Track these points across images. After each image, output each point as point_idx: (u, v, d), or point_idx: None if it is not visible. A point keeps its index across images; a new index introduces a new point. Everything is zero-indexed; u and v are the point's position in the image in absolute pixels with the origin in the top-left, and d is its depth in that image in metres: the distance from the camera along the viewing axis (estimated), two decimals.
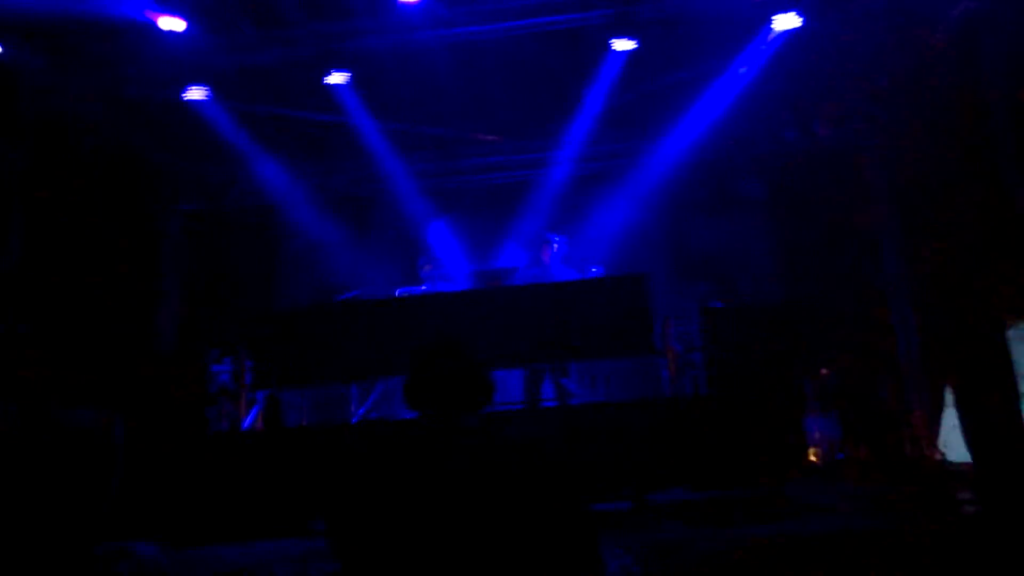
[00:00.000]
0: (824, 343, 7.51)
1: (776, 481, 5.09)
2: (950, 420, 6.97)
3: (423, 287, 7.03)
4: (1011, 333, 6.45)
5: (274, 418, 7.07)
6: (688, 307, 6.89)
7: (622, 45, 7.21)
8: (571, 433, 5.27)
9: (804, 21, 6.95)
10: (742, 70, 7.75)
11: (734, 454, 5.09)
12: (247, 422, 6.33)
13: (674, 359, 5.95)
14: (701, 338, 5.68)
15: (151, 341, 8.98)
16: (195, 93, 7.75)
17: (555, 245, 6.82)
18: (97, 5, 6.41)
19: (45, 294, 7.49)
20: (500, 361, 5.93)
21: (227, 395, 6.52)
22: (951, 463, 6.17)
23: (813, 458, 6.87)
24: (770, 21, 7.00)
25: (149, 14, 6.73)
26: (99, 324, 8.02)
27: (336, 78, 7.55)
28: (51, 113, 7.69)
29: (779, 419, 5.27)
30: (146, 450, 5.21)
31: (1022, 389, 6.31)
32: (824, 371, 7.24)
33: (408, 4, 6.74)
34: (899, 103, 7.58)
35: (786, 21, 6.94)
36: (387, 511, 1.68)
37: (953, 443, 6.20)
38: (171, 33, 6.92)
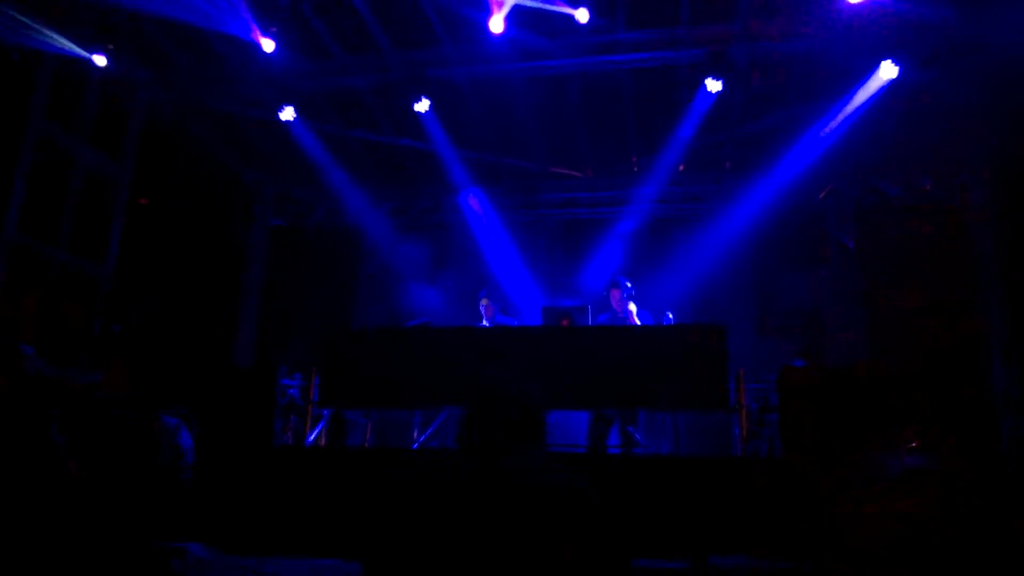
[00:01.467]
0: (916, 412, 7.01)
1: (846, 559, 4.73)
2: None
3: (484, 323, 6.95)
4: None
5: (337, 436, 7.11)
6: (767, 363, 6.55)
7: (714, 85, 7.02)
8: (634, 484, 5.05)
9: (900, 72, 6.63)
10: (824, 132, 7.44)
11: (805, 525, 4.76)
12: (310, 438, 6.36)
13: (747, 417, 5.65)
14: (778, 398, 5.37)
15: (231, 352, 9.24)
16: (287, 113, 7.98)
17: (623, 290, 6.65)
18: (204, 20, 6.67)
19: (138, 299, 7.81)
20: (565, 402, 5.77)
21: (294, 410, 6.57)
22: None
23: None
24: (875, 69, 6.68)
25: (252, 34, 6.98)
26: (185, 332, 8.31)
27: (422, 105, 7.64)
28: (153, 126, 8.06)
29: (854, 494, 4.90)
30: (215, 458, 5.34)
31: None
32: (915, 443, 6.75)
33: (496, 35, 6.74)
34: (1006, 162, 7.14)
35: (887, 70, 6.63)
36: (419, 547, 1.64)
37: None
38: (265, 54, 7.15)
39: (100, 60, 7.01)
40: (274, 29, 7.05)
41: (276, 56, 7.23)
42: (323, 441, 6.55)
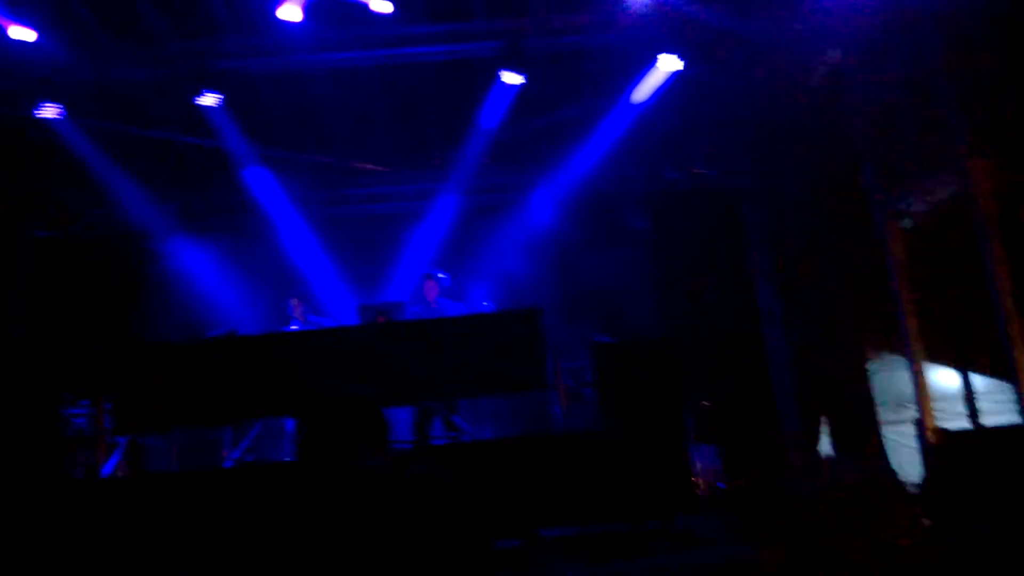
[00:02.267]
0: (704, 377, 7.73)
1: (664, 515, 5.13)
2: (825, 449, 7.36)
3: (293, 327, 6.68)
4: (871, 367, 6.93)
5: (136, 464, 6.48)
6: (577, 342, 6.90)
7: (511, 78, 7.22)
8: (463, 470, 5.10)
9: (685, 65, 7.22)
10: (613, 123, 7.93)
11: (624, 489, 5.08)
12: (107, 469, 5.74)
13: (565, 394, 5.92)
14: (592, 373, 5.68)
15: None
16: (48, 111, 7.10)
17: (439, 282, 6.69)
18: None
19: None
20: (389, 399, 5.69)
21: (83, 441, 5.90)
22: None
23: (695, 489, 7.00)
24: (654, 62, 7.22)
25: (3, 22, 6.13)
26: None
27: (208, 99, 7.13)
28: None
29: (667, 453, 5.31)
30: None
31: (881, 416, 6.78)
32: (705, 404, 7.43)
33: (287, 23, 6.45)
34: (775, 149, 8.06)
35: (670, 63, 7.19)
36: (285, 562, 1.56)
37: None
38: (21, 44, 6.31)
39: None
40: (27, 15, 6.24)
41: (35, 47, 6.41)
42: (121, 472, 5.95)
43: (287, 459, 6.34)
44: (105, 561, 4.52)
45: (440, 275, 6.72)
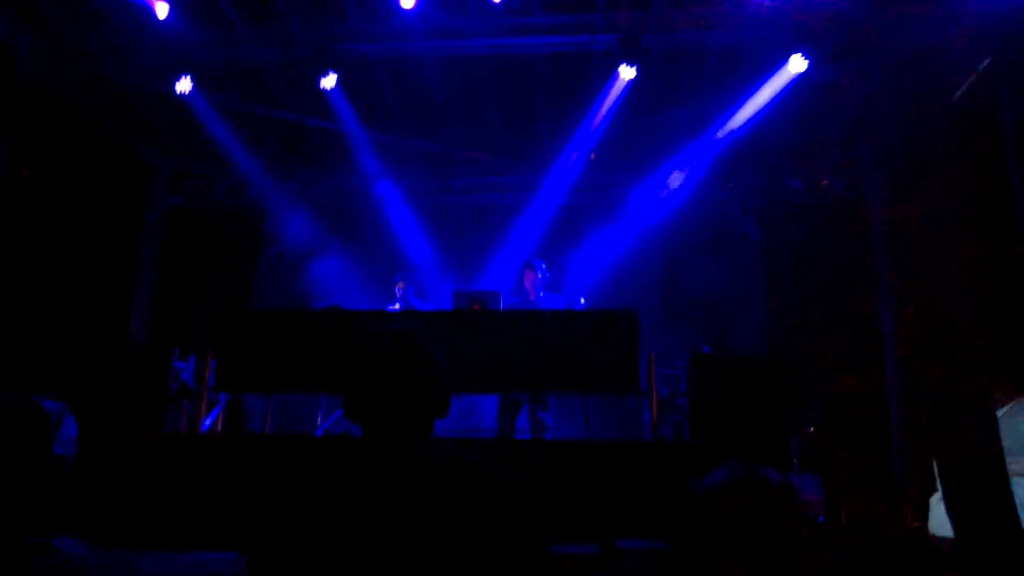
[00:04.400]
0: (813, 400, 7.27)
1: None
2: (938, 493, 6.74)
3: (396, 306, 6.77)
4: (1002, 412, 6.25)
5: (234, 422, 6.75)
6: (675, 349, 6.64)
7: (626, 73, 7.03)
8: (543, 468, 5.00)
9: (810, 65, 6.82)
10: (720, 134, 7.60)
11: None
12: (206, 424, 6.01)
13: (657, 401, 5.70)
14: (687, 383, 5.43)
15: (124, 335, 8.68)
16: (183, 84, 7.50)
17: (539, 272, 6.58)
18: None
19: (20, 282, 7.21)
20: (476, 385, 5.66)
21: (187, 395, 6.19)
22: (936, 537, 5.91)
23: None
24: (784, 62, 6.85)
25: None
26: (73, 316, 7.74)
27: (328, 81, 7.33)
28: (36, 97, 7.41)
29: None
30: (100, 446, 4.95)
31: (1012, 469, 6.10)
32: (811, 430, 6.99)
33: (407, 10, 6.52)
34: (907, 159, 7.47)
35: (798, 64, 6.80)
36: (315, 537, 1.47)
37: (939, 517, 5.95)
38: (160, 22, 6.69)
39: None
40: None
41: (172, 24, 6.76)
42: (219, 428, 6.21)
43: None
44: (191, 511, 4.70)
45: (541, 266, 6.63)
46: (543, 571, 1.52)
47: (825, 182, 8.49)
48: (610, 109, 7.66)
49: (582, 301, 6.46)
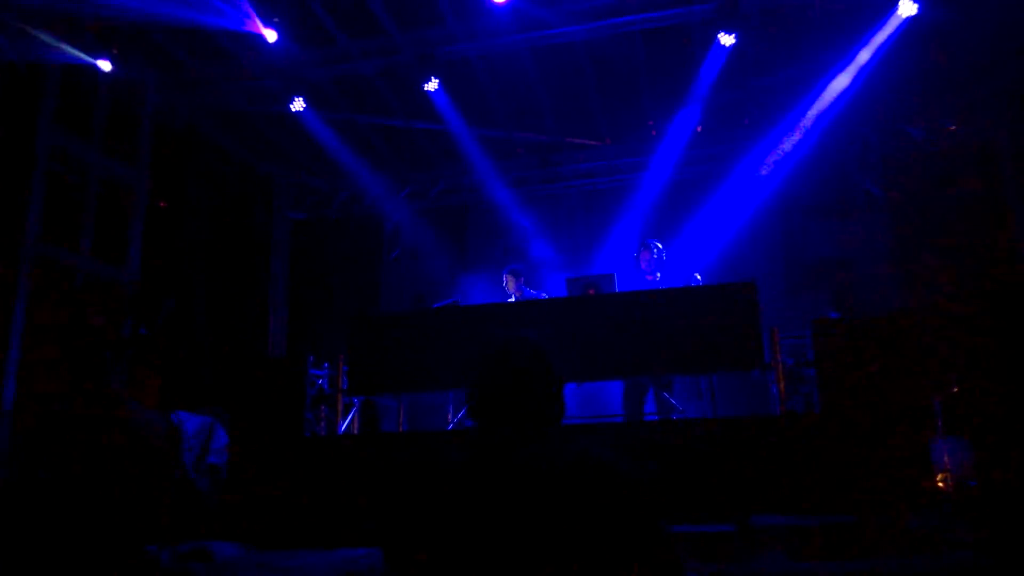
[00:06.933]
0: (956, 358, 6.83)
1: (894, 510, 4.64)
2: None
3: (512, 299, 6.87)
4: None
5: (369, 423, 7.10)
6: (799, 318, 6.41)
7: (726, 40, 6.83)
8: (673, 449, 4.99)
9: (920, 7, 6.37)
10: (842, 81, 7.17)
11: (848, 479, 4.68)
12: (342, 426, 6.36)
13: (784, 374, 5.53)
14: (813, 352, 5.25)
15: (264, 346, 9.30)
16: (297, 104, 7.93)
17: (654, 252, 6.51)
18: (204, 16, 6.62)
19: (164, 301, 7.85)
20: (599, 372, 5.70)
21: (324, 400, 6.57)
22: None
23: (940, 484, 6.24)
24: (894, 7, 6.45)
25: (254, 26, 6.93)
26: (215, 330, 8.36)
27: (431, 85, 7.55)
28: (165, 128, 8.06)
29: (899, 442, 4.81)
30: (248, 452, 5.36)
31: None
32: (956, 389, 6.57)
33: (497, 5, 6.61)
34: None
35: (907, 7, 6.39)
36: (444, 527, 1.55)
37: None
38: (270, 46, 7.10)
39: (105, 65, 7.01)
40: (276, 20, 7.00)
41: (281, 47, 7.19)
42: (355, 429, 6.55)
43: None
44: (334, 510, 5.00)
45: (655, 245, 6.56)
46: (662, 555, 1.52)
47: (952, 128, 7.92)
48: (712, 78, 7.45)
49: (698, 277, 6.34)
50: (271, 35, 6.99)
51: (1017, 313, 7.23)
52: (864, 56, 7.03)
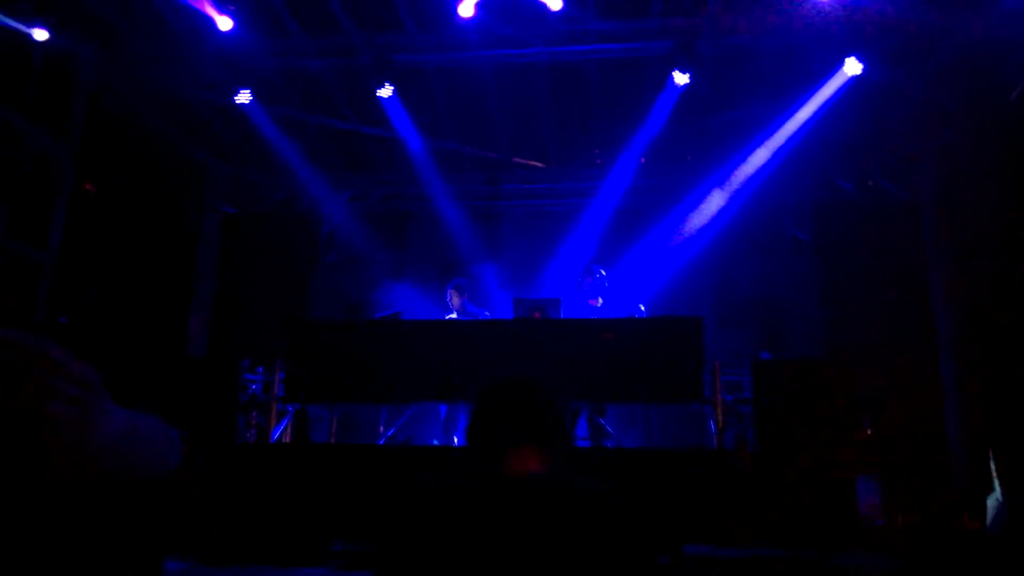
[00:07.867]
0: (869, 401, 7.25)
1: (822, 546, 4.88)
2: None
3: (453, 315, 6.83)
4: None
5: (299, 432, 6.90)
6: (732, 353, 6.66)
7: (679, 79, 7.05)
8: (607, 477, 5.07)
9: (865, 69, 6.78)
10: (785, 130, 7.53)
11: (782, 515, 4.89)
12: (275, 434, 6.16)
13: (721, 409, 5.72)
14: (753, 391, 5.46)
15: (183, 343, 8.88)
16: (243, 96, 7.66)
17: (598, 276, 6.62)
18: None
19: (83, 288, 7.41)
20: None
21: (257, 406, 6.34)
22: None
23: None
24: (839, 66, 6.82)
25: (208, 10, 6.66)
26: (134, 321, 7.93)
27: (385, 91, 7.43)
28: (99, 107, 7.62)
29: (830, 482, 5.07)
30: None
31: None
32: (868, 431, 6.97)
33: (461, 20, 6.60)
34: (963, 160, 7.41)
35: (854, 67, 6.77)
36: (440, 554, 1.52)
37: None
38: (221, 33, 6.85)
39: (40, 34, 6.57)
40: (232, 7, 6.76)
41: (232, 35, 6.92)
42: (287, 438, 6.35)
43: (434, 443, 6.54)
44: (268, 523, 4.83)
45: (601, 271, 6.66)
46: None
47: (871, 183, 8.43)
48: (664, 114, 7.67)
49: (642, 308, 6.48)
50: (226, 23, 6.74)
51: (923, 365, 7.75)
52: (807, 110, 7.40)
